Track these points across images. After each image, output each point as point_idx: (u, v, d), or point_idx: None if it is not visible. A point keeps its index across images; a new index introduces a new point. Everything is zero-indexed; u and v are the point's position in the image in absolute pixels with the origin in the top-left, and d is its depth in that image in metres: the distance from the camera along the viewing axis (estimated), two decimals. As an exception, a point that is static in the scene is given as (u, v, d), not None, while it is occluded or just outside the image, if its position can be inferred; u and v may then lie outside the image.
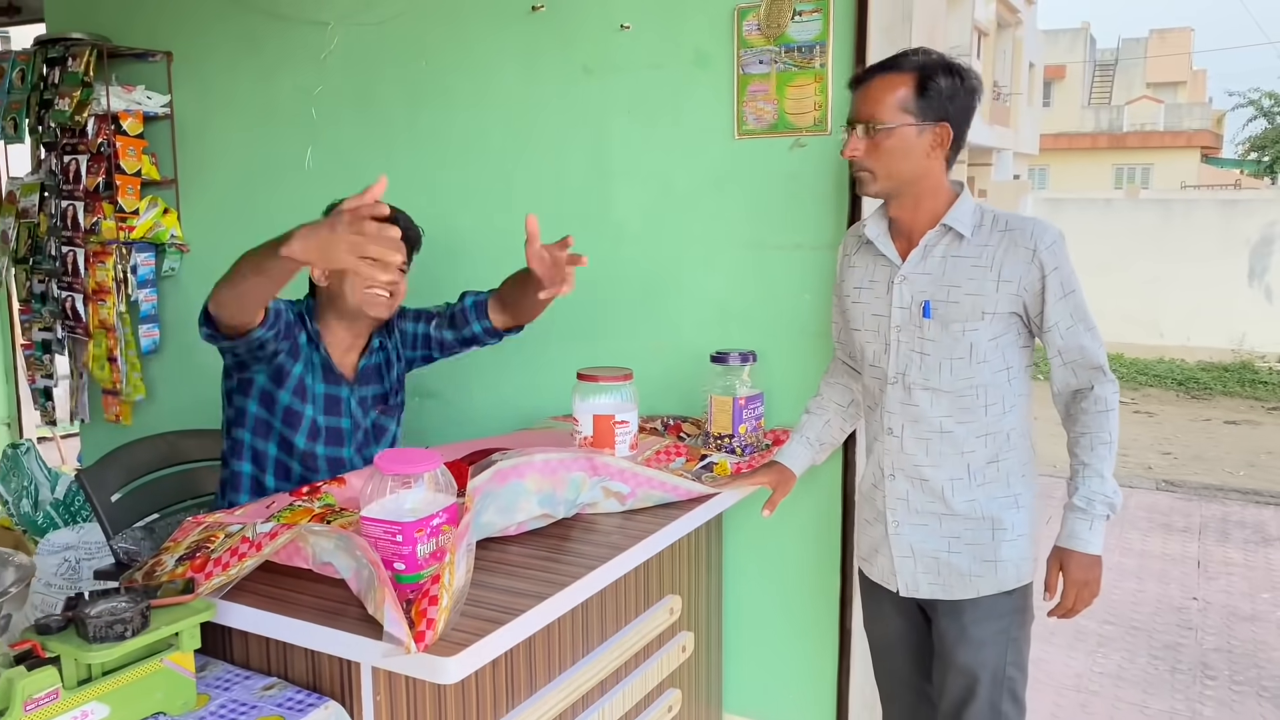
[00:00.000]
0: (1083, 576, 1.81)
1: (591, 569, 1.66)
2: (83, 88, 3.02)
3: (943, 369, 1.85)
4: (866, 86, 1.82)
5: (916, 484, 1.91)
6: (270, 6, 3.02)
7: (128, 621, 1.34)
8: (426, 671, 1.37)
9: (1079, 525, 1.80)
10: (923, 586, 1.94)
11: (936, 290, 1.84)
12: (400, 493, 1.50)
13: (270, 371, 2.13)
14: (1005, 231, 1.81)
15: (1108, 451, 1.80)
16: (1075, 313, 1.79)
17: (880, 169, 1.80)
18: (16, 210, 3.31)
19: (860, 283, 1.96)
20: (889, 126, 1.77)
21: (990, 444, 1.87)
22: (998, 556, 1.88)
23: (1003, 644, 1.89)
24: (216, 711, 1.44)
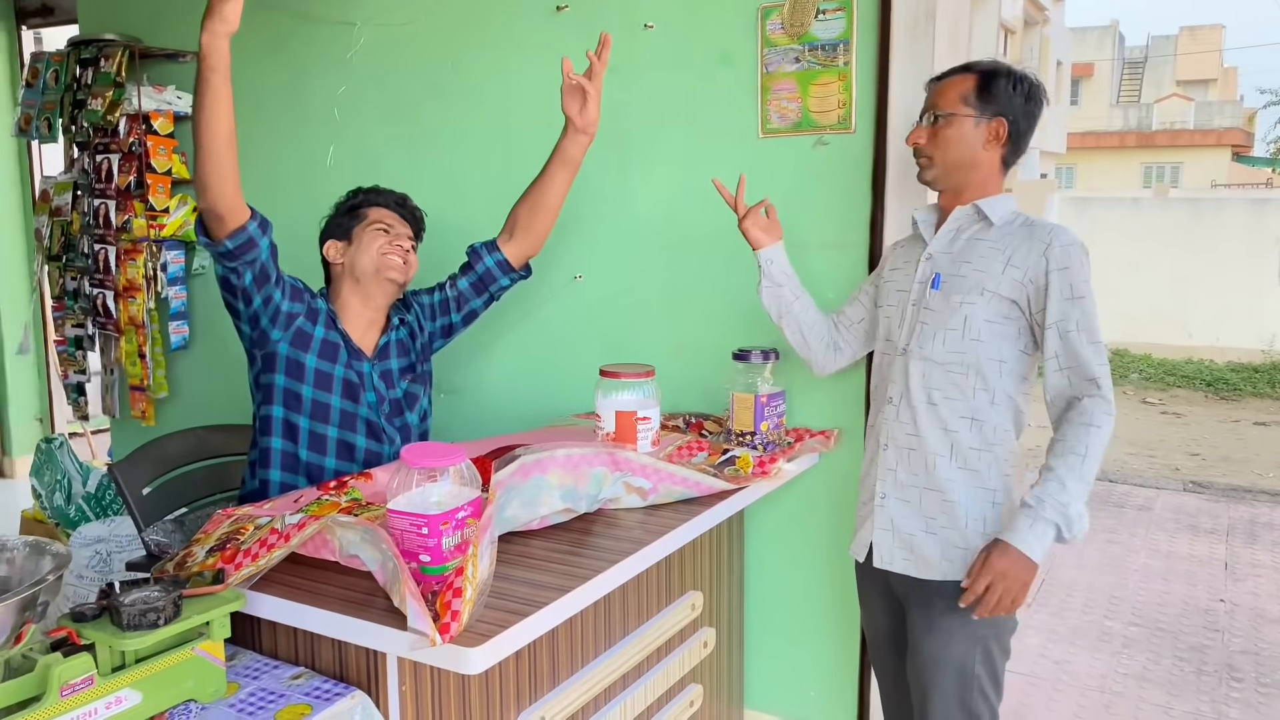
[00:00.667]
0: (1003, 568, 1.75)
1: (613, 563, 1.68)
2: (115, 88, 3.07)
3: (936, 338, 1.90)
4: (940, 84, 1.95)
5: (904, 454, 1.95)
6: (298, 7, 3.05)
7: (160, 610, 1.38)
8: (451, 662, 1.39)
9: (1021, 520, 1.76)
10: (897, 560, 1.97)
11: (950, 266, 1.92)
12: (426, 486, 1.52)
13: (291, 337, 2.16)
14: (1028, 226, 1.89)
15: (1078, 463, 1.75)
16: (1081, 319, 1.79)
17: (937, 154, 1.91)
18: (50, 209, 3.37)
19: (898, 264, 2.06)
20: (948, 114, 1.89)
21: (975, 431, 1.89)
22: (968, 545, 1.89)
23: (970, 641, 1.88)
24: (246, 699, 1.47)
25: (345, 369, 2.22)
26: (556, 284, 2.76)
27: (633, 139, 2.61)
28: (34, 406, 5.28)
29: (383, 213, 2.30)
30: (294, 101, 3.13)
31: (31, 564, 1.35)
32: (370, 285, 2.25)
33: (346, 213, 2.31)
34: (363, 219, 2.28)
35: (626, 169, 2.63)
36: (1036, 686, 3.35)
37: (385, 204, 2.32)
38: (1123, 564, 4.64)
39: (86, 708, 1.31)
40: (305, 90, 3.10)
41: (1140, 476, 6.32)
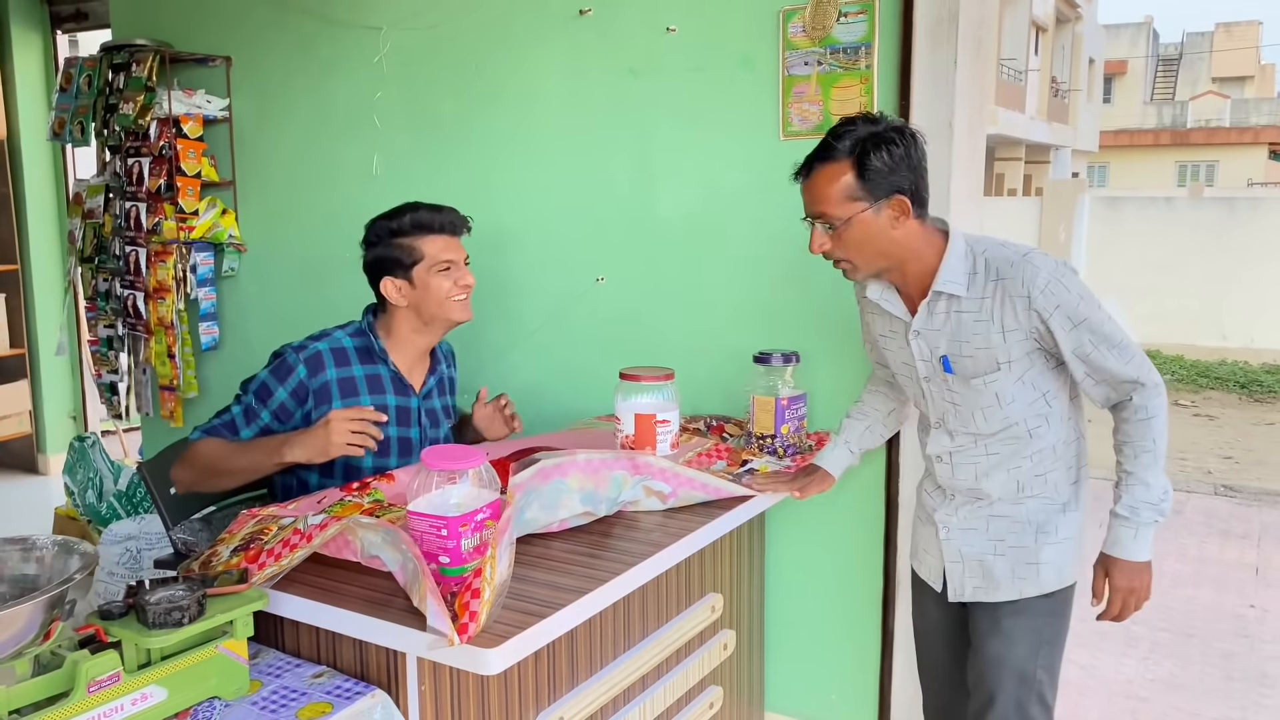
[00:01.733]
0: (1127, 583, 1.82)
1: (632, 565, 1.69)
2: (146, 92, 3.12)
3: (976, 417, 1.87)
4: (810, 182, 1.80)
5: (967, 498, 1.95)
6: (325, 11, 3.09)
7: (185, 609, 1.40)
8: (469, 663, 1.41)
9: (1123, 532, 1.81)
10: (968, 590, 1.96)
11: (950, 345, 1.84)
12: (446, 488, 1.54)
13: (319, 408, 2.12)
14: (997, 281, 1.77)
15: (1151, 459, 1.79)
16: (1093, 338, 1.76)
17: (856, 259, 1.81)
18: (83, 211, 3.43)
19: (884, 331, 1.98)
20: (843, 219, 1.76)
21: (1036, 460, 1.89)
22: (1040, 559, 1.89)
23: (1034, 644, 1.89)
24: (268, 697, 1.50)
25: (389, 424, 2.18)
26: (579, 286, 2.77)
27: (654, 142, 2.62)
28: (69, 405, 5.37)
29: (439, 245, 2.16)
30: (323, 105, 3.16)
31: (60, 563, 1.38)
32: (436, 326, 2.21)
33: (397, 245, 2.16)
34: (420, 256, 2.14)
35: (648, 171, 2.64)
36: (1062, 691, 3.30)
37: (438, 230, 2.17)
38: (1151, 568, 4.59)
39: (113, 704, 1.34)
40: (331, 93, 3.14)
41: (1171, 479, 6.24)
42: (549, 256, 2.82)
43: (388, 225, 2.17)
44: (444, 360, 2.36)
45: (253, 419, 2.11)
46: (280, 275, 3.36)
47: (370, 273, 2.19)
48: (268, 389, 2.11)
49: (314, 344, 2.15)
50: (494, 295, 2.90)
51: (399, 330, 2.22)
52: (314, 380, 2.11)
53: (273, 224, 3.36)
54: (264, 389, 2.11)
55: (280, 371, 2.11)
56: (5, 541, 1.40)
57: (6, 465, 5.41)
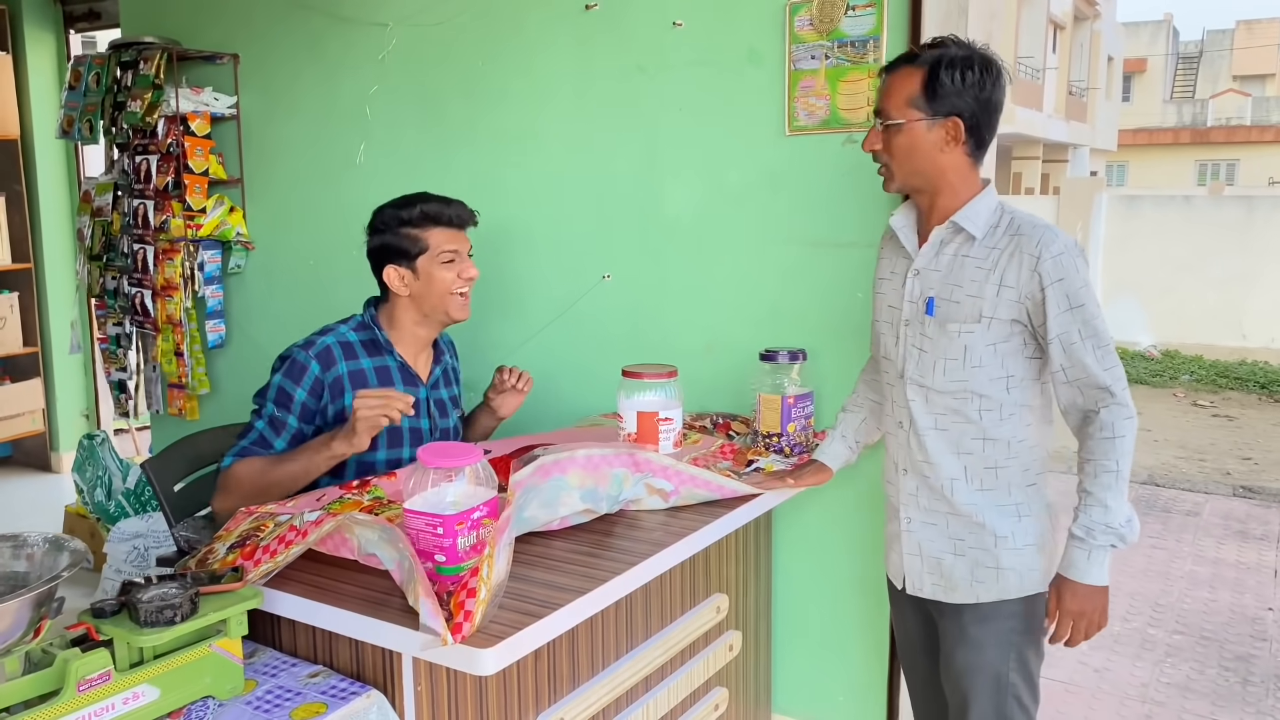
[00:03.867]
0: (1077, 607, 1.75)
1: (632, 565, 1.67)
2: (153, 90, 3.12)
3: (936, 368, 1.82)
4: (885, 79, 1.81)
5: (923, 480, 1.89)
6: (332, 9, 3.08)
7: (177, 607, 1.39)
8: (464, 663, 1.39)
9: (1077, 554, 1.74)
10: (926, 586, 1.92)
11: (942, 288, 1.81)
12: (442, 486, 1.52)
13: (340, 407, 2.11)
14: (1014, 236, 1.75)
15: (1113, 480, 1.72)
16: (1083, 329, 1.71)
17: (896, 165, 1.80)
18: (92, 209, 3.43)
19: (884, 274, 1.95)
20: (897, 123, 1.76)
21: (988, 449, 1.83)
22: (999, 564, 1.84)
23: (1004, 648, 1.85)
24: (263, 697, 1.48)
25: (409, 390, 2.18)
26: (586, 283, 2.75)
27: (661, 137, 2.59)
28: (81, 403, 5.39)
29: (444, 236, 2.15)
30: (330, 102, 3.16)
31: (50, 560, 1.37)
32: (434, 319, 2.20)
33: (403, 234, 2.15)
34: (425, 246, 2.14)
35: (654, 168, 2.61)
36: (1075, 695, 3.28)
37: (446, 223, 2.16)
38: (1168, 570, 4.54)
39: (104, 703, 1.32)
40: (338, 90, 3.13)
41: (1189, 481, 6.18)
42: (556, 253, 2.80)
43: (396, 214, 2.15)
44: (446, 351, 2.35)
45: (281, 428, 2.07)
46: (287, 272, 3.35)
47: (374, 259, 2.18)
48: (286, 393, 2.07)
49: (321, 339, 2.13)
50: (501, 292, 2.88)
51: (401, 321, 2.20)
52: (327, 375, 2.09)
53: (280, 221, 3.35)
54: (282, 394, 2.07)
55: (294, 373, 2.08)
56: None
57: (20, 463, 5.44)
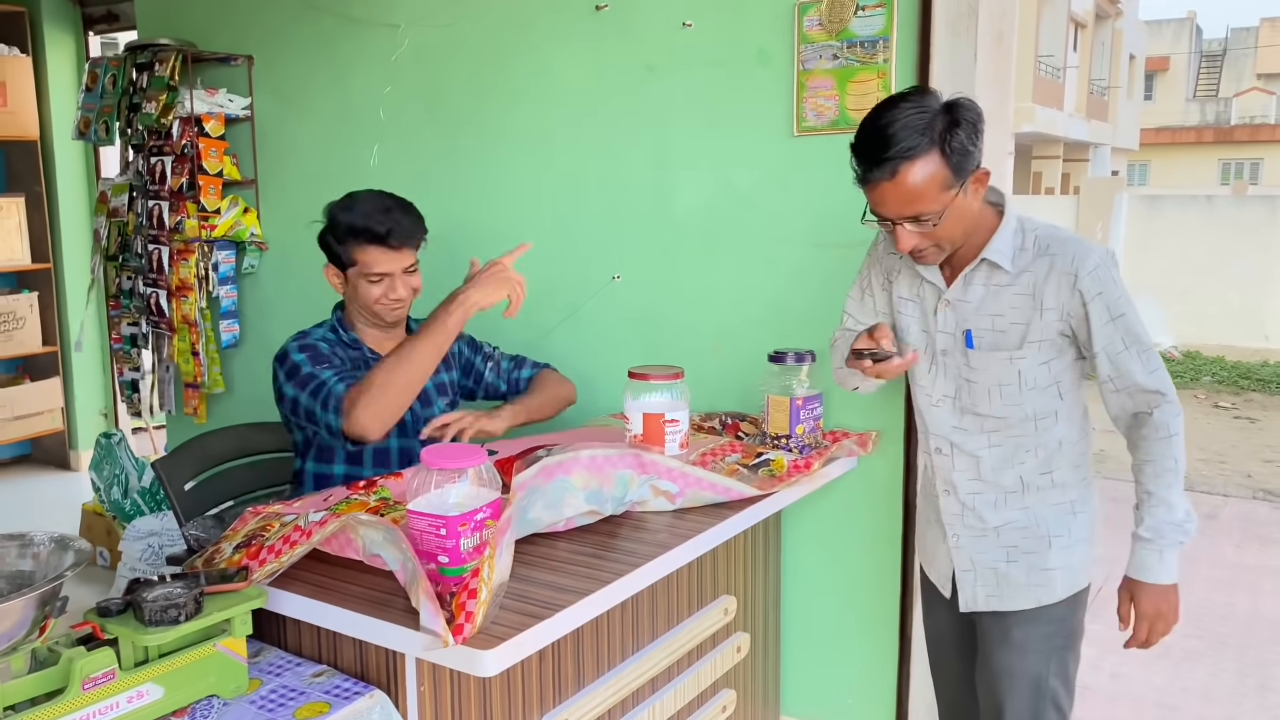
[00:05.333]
0: (1153, 608, 1.76)
1: (636, 567, 1.67)
2: (168, 91, 3.14)
3: (991, 395, 1.81)
4: (895, 184, 1.64)
5: (970, 498, 1.89)
6: (345, 10, 3.09)
7: (181, 607, 1.39)
8: (465, 664, 1.39)
9: (1148, 556, 1.74)
10: (980, 599, 1.91)
11: (979, 319, 1.79)
12: (446, 487, 1.52)
13: None
14: (1047, 256, 1.74)
15: (1174, 479, 1.73)
16: (1126, 337, 1.71)
17: (946, 243, 1.73)
18: (108, 209, 3.46)
19: (907, 294, 1.92)
20: (941, 212, 1.66)
21: (1041, 454, 1.83)
22: (1052, 564, 1.84)
23: (1045, 653, 1.84)
24: (267, 696, 1.49)
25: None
26: (596, 283, 2.75)
27: (671, 138, 2.59)
28: (100, 401, 5.43)
29: (373, 256, 2.12)
30: (342, 103, 3.17)
31: (55, 559, 1.38)
32: (375, 321, 2.22)
33: (337, 240, 2.16)
34: (354, 261, 2.15)
35: (664, 168, 2.61)
36: (1089, 699, 3.25)
37: (377, 241, 2.11)
38: (1185, 574, 4.46)
39: (108, 701, 1.33)
40: (350, 91, 3.14)
41: (1208, 483, 6.11)
42: (567, 254, 2.81)
43: (334, 217, 2.17)
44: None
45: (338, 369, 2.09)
46: (300, 273, 3.37)
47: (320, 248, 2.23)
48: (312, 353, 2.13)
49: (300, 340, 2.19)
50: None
51: (355, 321, 2.26)
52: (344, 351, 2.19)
53: (293, 222, 3.37)
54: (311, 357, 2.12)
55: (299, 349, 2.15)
56: (3, 538, 1.40)
57: (40, 461, 5.49)
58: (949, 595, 1.97)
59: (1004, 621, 1.88)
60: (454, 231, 2.82)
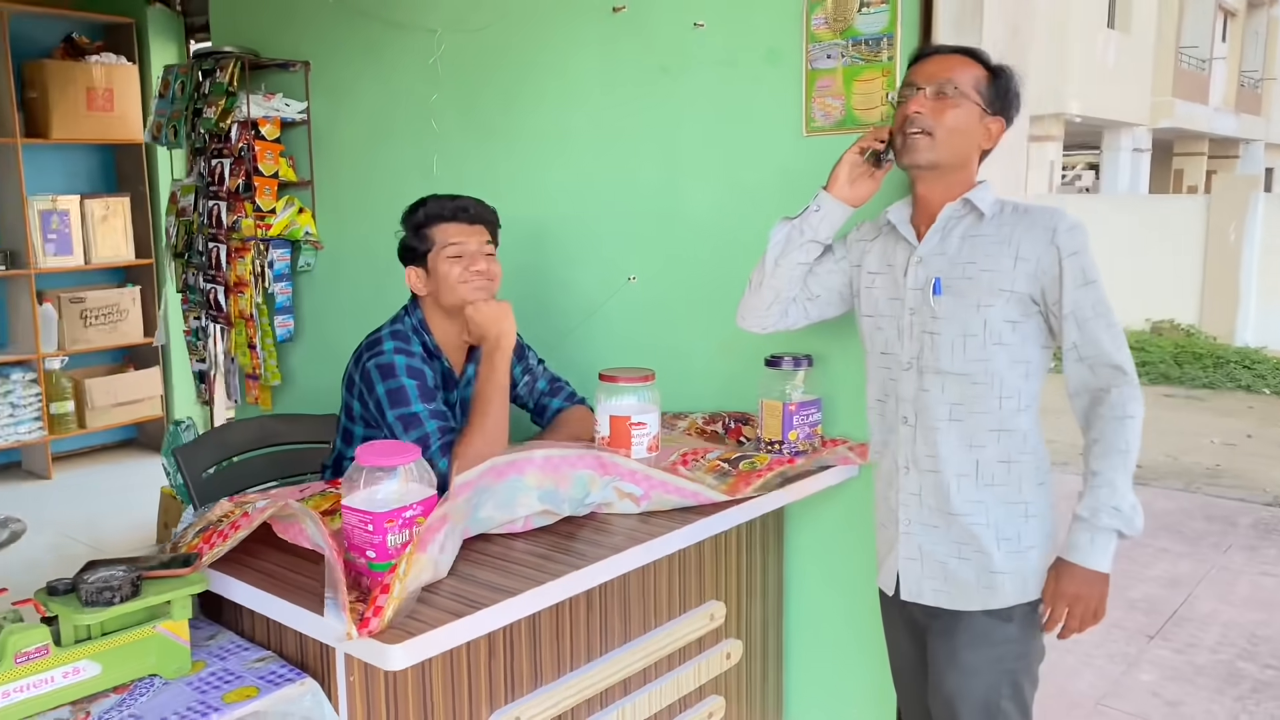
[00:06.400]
0: (1075, 590, 1.71)
1: (574, 570, 1.67)
2: (227, 97, 3.29)
3: (955, 349, 1.77)
4: (944, 56, 1.80)
5: (929, 478, 1.84)
6: (389, 15, 3.18)
7: (116, 589, 1.47)
8: (374, 657, 1.42)
9: (1080, 536, 1.71)
10: (926, 592, 1.86)
11: (951, 269, 1.79)
12: (377, 484, 1.55)
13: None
14: (1024, 214, 1.77)
15: (1122, 461, 1.68)
16: (1096, 305, 1.70)
17: (941, 134, 1.75)
18: (177, 209, 3.65)
19: (877, 267, 1.92)
20: (963, 93, 1.75)
21: (1003, 441, 1.78)
22: (999, 567, 1.79)
23: (995, 674, 1.77)
24: (206, 678, 1.55)
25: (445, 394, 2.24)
26: (613, 284, 2.76)
27: (682, 139, 2.58)
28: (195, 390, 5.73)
29: (449, 230, 2.19)
30: (386, 106, 3.26)
31: (-3, 539, 1.47)
32: (458, 314, 2.21)
33: (415, 234, 2.22)
34: (433, 243, 2.19)
35: (677, 169, 2.60)
36: (1137, 727, 3.09)
37: (449, 217, 2.20)
38: (1275, 600, 4.21)
39: (42, 675, 1.41)
40: (394, 95, 3.23)
41: (1322, 503, 5.71)
42: (586, 255, 2.82)
43: (409, 217, 2.24)
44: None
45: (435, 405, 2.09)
46: (353, 271, 3.48)
47: (402, 262, 2.26)
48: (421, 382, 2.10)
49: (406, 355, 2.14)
50: (536, 294, 2.92)
51: (435, 323, 2.25)
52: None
53: (346, 221, 3.49)
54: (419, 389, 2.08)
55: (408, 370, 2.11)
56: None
57: (143, 445, 5.83)
58: (893, 592, 1.91)
59: (952, 642, 1.82)
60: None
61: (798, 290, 2.04)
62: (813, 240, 1.97)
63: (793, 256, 1.99)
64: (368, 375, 2.14)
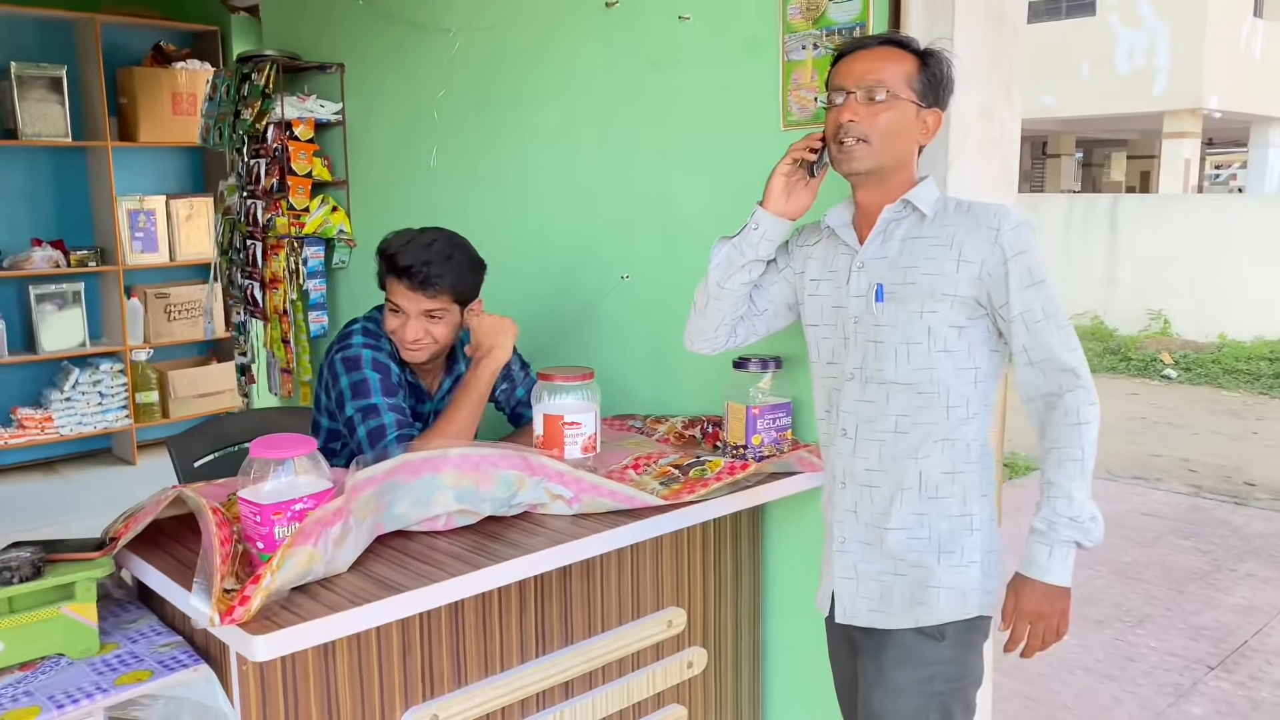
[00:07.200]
0: (1035, 608, 1.62)
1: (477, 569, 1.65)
2: (263, 99, 3.40)
3: (898, 356, 1.68)
4: (869, 52, 1.70)
5: (866, 493, 1.76)
6: (411, 16, 3.23)
7: (14, 570, 1.52)
8: (239, 646, 1.44)
9: (1037, 550, 1.61)
10: (861, 613, 1.77)
11: (893, 274, 1.70)
12: (268, 476, 1.57)
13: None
14: (967, 213, 1.67)
15: (1078, 470, 1.58)
16: (1046, 306, 1.60)
17: (877, 140, 1.66)
18: (224, 208, 3.80)
19: (820, 274, 1.83)
20: (895, 93, 1.65)
21: (948, 451, 1.68)
22: (938, 582, 1.69)
23: (923, 697, 1.67)
24: (109, 659, 1.59)
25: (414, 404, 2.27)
26: (609, 283, 2.73)
27: (670, 134, 2.53)
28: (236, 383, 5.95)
29: (394, 287, 2.17)
30: (408, 104, 3.32)
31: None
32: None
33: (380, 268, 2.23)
34: (383, 285, 2.21)
35: (666, 165, 2.55)
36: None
37: (397, 275, 2.15)
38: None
39: (-61, 648, 1.48)
40: (416, 93, 3.28)
41: None
42: (585, 253, 2.80)
43: (380, 247, 2.22)
44: (464, 359, 2.34)
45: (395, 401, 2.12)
46: (384, 269, 3.55)
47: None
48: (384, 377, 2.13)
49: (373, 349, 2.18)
50: (540, 295, 2.92)
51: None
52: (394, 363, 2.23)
53: (378, 219, 3.56)
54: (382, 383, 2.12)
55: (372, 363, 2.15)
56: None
57: (226, 435, 6.07)
58: (828, 609, 1.83)
59: (879, 659, 1.73)
60: (500, 227, 2.96)
61: (744, 308, 1.97)
62: (755, 260, 1.89)
63: (736, 277, 1.91)
64: (334, 367, 2.18)
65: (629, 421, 2.50)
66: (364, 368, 2.14)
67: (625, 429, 2.46)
